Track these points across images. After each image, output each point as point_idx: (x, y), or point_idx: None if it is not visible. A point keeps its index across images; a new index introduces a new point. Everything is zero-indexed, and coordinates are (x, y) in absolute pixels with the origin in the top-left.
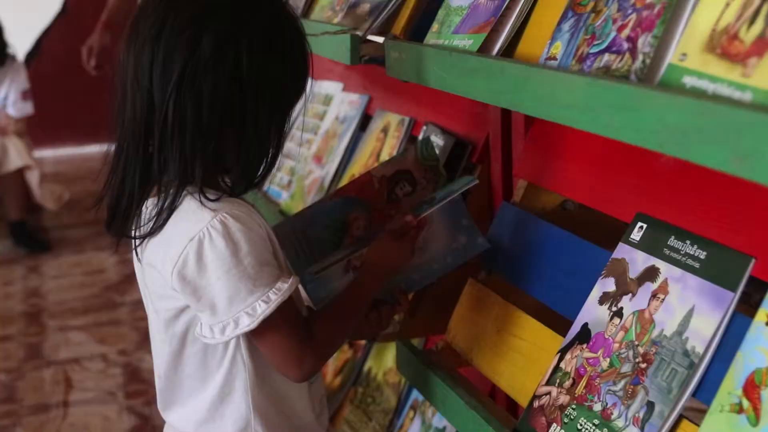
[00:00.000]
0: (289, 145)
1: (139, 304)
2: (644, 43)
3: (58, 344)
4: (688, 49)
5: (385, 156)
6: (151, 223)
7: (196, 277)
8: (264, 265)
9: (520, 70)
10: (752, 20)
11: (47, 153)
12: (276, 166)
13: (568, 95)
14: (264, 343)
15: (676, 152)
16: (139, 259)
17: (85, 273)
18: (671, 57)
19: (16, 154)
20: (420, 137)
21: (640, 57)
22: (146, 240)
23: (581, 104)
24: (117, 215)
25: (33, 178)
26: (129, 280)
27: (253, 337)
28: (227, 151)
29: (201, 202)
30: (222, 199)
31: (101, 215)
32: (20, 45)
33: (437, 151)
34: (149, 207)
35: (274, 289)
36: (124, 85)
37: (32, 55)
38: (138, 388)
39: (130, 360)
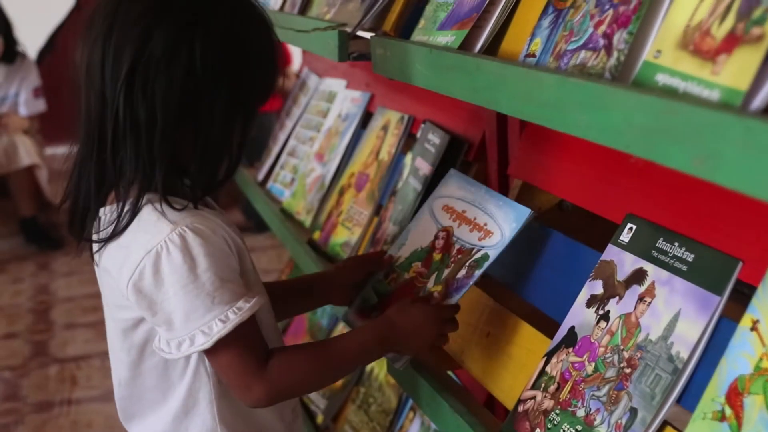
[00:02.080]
0: (292, 143)
1: None
2: (619, 39)
3: (65, 342)
4: (662, 46)
5: (384, 154)
6: (111, 228)
7: (153, 290)
8: (225, 282)
9: (496, 68)
10: (724, 16)
11: (60, 150)
12: (236, 170)
13: (540, 93)
14: (215, 361)
15: (640, 152)
16: (96, 264)
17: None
18: (646, 54)
19: (25, 153)
20: None
21: (615, 54)
22: (104, 245)
23: (552, 102)
24: (75, 218)
25: (42, 176)
26: None
27: (205, 354)
28: (185, 152)
29: (162, 212)
30: (186, 210)
31: None
32: (34, 41)
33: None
34: (108, 213)
35: (234, 308)
36: (79, 83)
37: (46, 52)
38: None
39: None
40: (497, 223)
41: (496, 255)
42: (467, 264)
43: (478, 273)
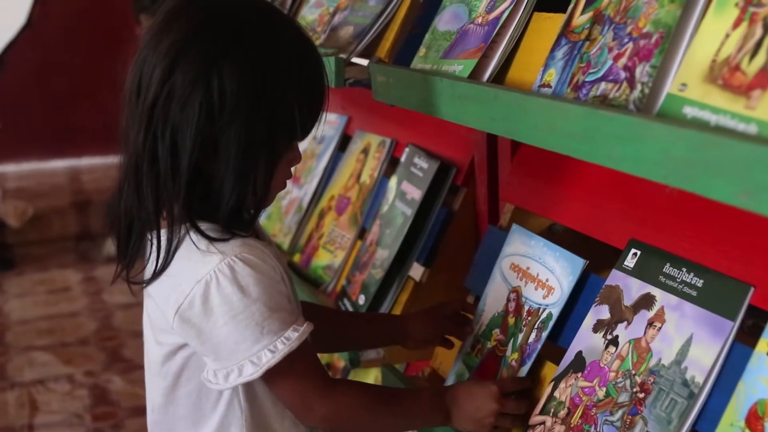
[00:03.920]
0: None
1: (106, 323)
2: (642, 72)
3: (22, 365)
4: (687, 79)
5: (365, 178)
6: (152, 265)
7: (201, 320)
8: (275, 311)
9: (515, 98)
10: (754, 52)
11: (10, 168)
12: (264, 203)
13: (566, 124)
14: (275, 388)
15: (681, 184)
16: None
17: (49, 291)
18: (670, 87)
19: None
20: None
21: (639, 86)
22: (155, 276)
23: (580, 134)
24: (124, 242)
25: None
26: (95, 298)
27: (264, 381)
28: (213, 185)
29: (210, 242)
30: (234, 239)
31: (66, 231)
32: None
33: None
34: (153, 242)
35: (282, 338)
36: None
37: None
38: (105, 411)
39: (97, 381)
40: (556, 277)
41: (558, 313)
42: (536, 326)
43: (544, 335)
